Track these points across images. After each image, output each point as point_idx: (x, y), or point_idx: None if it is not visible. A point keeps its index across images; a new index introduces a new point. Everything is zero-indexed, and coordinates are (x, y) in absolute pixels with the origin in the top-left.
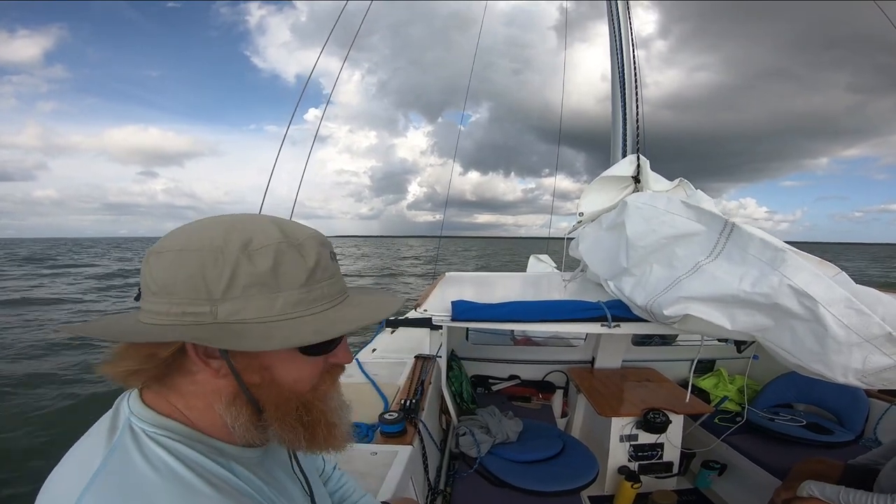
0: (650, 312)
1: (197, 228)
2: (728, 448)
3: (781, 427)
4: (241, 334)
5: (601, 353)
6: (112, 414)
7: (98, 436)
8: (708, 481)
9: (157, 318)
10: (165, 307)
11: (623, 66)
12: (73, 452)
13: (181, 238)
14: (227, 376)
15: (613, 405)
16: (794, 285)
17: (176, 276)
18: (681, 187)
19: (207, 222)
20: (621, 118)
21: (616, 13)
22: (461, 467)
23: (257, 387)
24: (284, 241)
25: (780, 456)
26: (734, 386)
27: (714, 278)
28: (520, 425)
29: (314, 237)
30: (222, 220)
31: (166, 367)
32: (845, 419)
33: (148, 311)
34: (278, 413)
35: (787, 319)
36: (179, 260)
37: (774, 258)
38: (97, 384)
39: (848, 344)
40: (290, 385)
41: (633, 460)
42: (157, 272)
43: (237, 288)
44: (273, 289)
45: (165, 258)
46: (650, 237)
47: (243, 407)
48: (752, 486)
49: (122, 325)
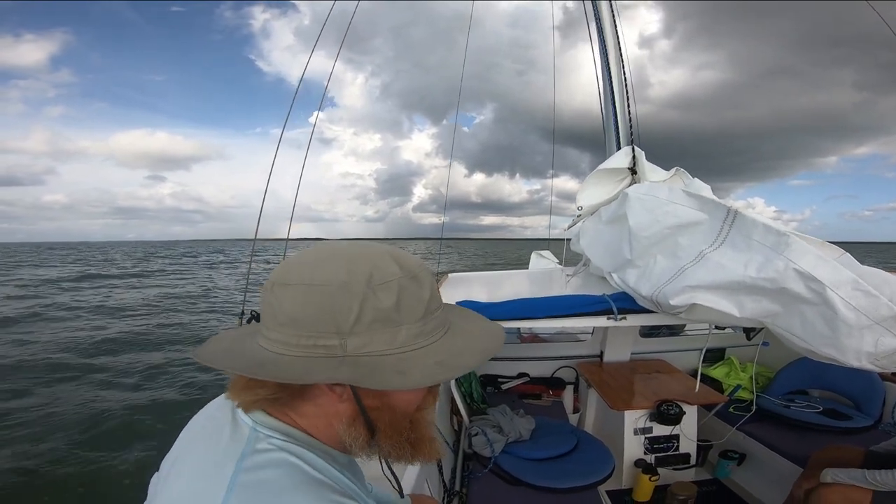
0: (656, 303)
1: (317, 260)
2: (745, 437)
3: (798, 414)
4: (375, 369)
5: (609, 347)
6: (231, 423)
7: (220, 446)
8: (727, 471)
9: (286, 348)
10: (294, 338)
11: (609, 59)
12: (196, 465)
13: (305, 271)
14: (348, 401)
15: (625, 398)
16: (799, 269)
17: (305, 308)
18: (678, 176)
19: (325, 254)
20: (612, 111)
21: (605, 5)
22: (475, 467)
23: (375, 410)
24: (404, 275)
25: (798, 443)
26: (746, 374)
27: (719, 266)
28: (532, 423)
29: (425, 268)
30: (339, 251)
31: (294, 392)
32: (862, 404)
33: (273, 339)
34: (391, 433)
35: (795, 304)
36: (308, 293)
37: (778, 243)
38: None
39: (858, 327)
40: (403, 407)
41: (649, 453)
42: (286, 304)
43: (364, 322)
44: (396, 322)
45: (294, 291)
46: (653, 227)
47: (361, 428)
48: (773, 474)
49: (253, 355)
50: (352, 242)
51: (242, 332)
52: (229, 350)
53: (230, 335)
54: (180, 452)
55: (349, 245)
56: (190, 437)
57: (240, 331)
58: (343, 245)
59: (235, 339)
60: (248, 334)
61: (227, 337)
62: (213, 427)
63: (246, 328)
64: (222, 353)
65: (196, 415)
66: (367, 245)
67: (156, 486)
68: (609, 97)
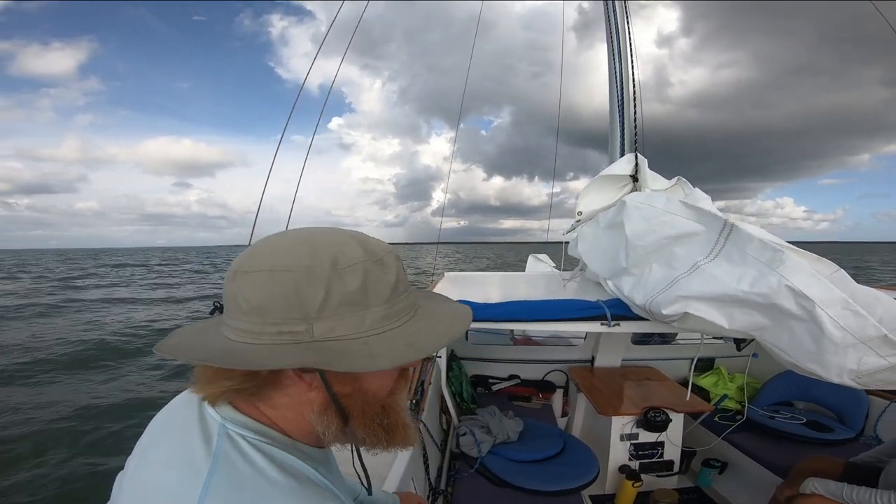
0: (649, 311)
1: (279, 247)
2: (729, 446)
3: (782, 425)
4: (343, 353)
5: (601, 353)
6: (198, 419)
7: (190, 441)
8: (709, 480)
9: (251, 336)
10: (259, 326)
11: (621, 65)
12: (163, 458)
13: (267, 258)
14: (318, 388)
15: (614, 404)
16: (792, 286)
17: (270, 295)
18: (679, 186)
19: (287, 241)
20: (619, 117)
21: (613, 10)
22: (462, 467)
23: (346, 396)
24: (368, 258)
25: (780, 454)
26: (734, 384)
27: (713, 278)
28: (520, 425)
29: (391, 251)
30: (301, 236)
31: (262, 382)
32: (846, 417)
33: (238, 328)
34: (364, 420)
35: (784, 319)
36: (271, 280)
37: (773, 258)
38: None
39: (843, 345)
40: (374, 392)
41: (633, 459)
42: (248, 292)
43: (331, 307)
44: (363, 305)
45: (256, 278)
46: (649, 237)
47: (333, 416)
48: (753, 484)
49: (217, 346)
50: (315, 228)
51: (206, 324)
52: (193, 342)
53: (193, 328)
54: (146, 448)
55: (313, 231)
56: (156, 434)
57: (203, 323)
58: (307, 230)
59: (199, 331)
60: (212, 326)
61: (189, 330)
62: (180, 423)
63: (209, 321)
64: (187, 346)
65: (160, 411)
66: (331, 230)
67: (120, 483)
68: (616, 103)
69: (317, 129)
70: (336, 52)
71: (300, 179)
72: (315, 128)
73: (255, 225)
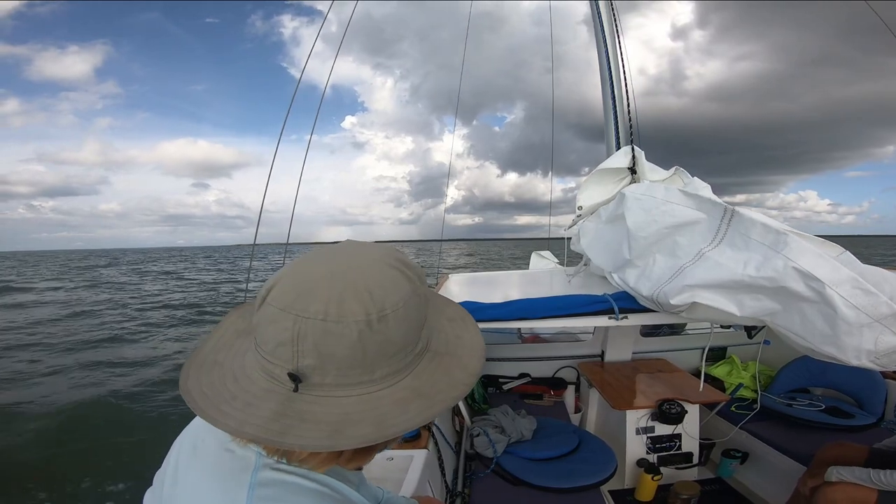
0: (656, 302)
1: (377, 278)
2: (748, 436)
3: (800, 412)
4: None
5: (610, 346)
6: (228, 459)
7: (225, 479)
8: (731, 470)
9: (397, 377)
10: (402, 362)
11: (609, 58)
12: (200, 484)
13: (387, 293)
14: None
15: (627, 398)
16: (799, 267)
17: (408, 326)
18: (677, 176)
19: (370, 268)
20: (612, 110)
21: (597, 7)
22: (478, 468)
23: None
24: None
25: (801, 442)
26: (748, 372)
27: (718, 265)
28: (534, 423)
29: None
30: (366, 259)
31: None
32: (864, 402)
33: (381, 377)
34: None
35: (794, 302)
36: (407, 311)
37: (777, 241)
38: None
39: (858, 325)
40: None
41: (651, 452)
42: (394, 333)
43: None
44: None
45: (396, 317)
46: (651, 227)
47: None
48: (776, 472)
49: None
50: (346, 244)
51: (234, 363)
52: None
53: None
54: (178, 471)
55: (361, 249)
56: (186, 457)
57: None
58: (353, 250)
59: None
60: (239, 356)
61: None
62: (211, 451)
63: (229, 351)
64: (273, 416)
65: (184, 431)
66: (371, 245)
67: (158, 499)
68: (609, 97)
69: (313, 128)
70: (344, 51)
71: (300, 180)
72: (312, 129)
73: (277, 223)
